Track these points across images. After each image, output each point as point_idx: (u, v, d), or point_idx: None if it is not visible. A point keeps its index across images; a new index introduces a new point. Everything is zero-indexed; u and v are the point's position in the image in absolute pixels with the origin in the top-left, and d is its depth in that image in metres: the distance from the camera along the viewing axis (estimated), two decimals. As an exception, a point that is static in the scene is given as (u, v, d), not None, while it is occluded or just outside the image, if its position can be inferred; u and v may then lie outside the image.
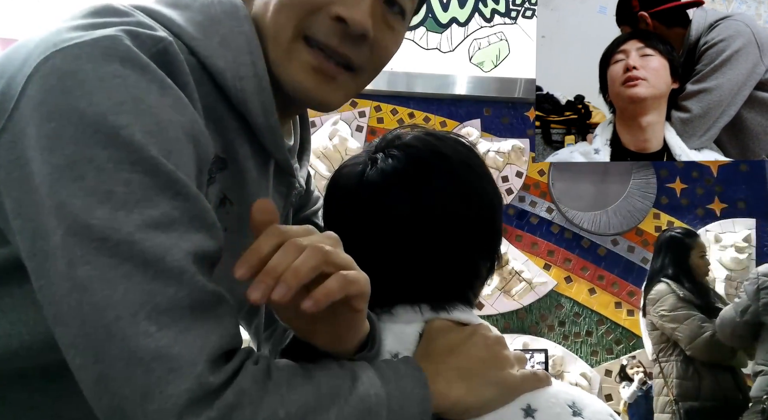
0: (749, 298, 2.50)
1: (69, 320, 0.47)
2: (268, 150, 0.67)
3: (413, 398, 0.56)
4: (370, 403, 0.53)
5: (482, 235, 0.68)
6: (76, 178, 0.48)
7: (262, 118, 0.63)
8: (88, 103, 0.49)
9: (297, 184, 0.75)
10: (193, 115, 0.55)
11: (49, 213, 0.48)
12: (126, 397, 0.46)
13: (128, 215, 0.48)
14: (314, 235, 0.52)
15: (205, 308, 0.50)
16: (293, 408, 0.50)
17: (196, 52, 0.60)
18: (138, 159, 0.50)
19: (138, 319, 0.46)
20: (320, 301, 0.48)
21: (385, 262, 0.65)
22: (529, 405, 0.60)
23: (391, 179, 0.66)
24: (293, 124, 0.79)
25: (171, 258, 0.49)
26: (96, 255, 0.47)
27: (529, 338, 3.53)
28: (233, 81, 0.61)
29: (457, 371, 0.60)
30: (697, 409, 2.68)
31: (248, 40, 0.62)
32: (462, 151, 0.69)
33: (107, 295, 0.47)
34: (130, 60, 0.52)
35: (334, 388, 0.53)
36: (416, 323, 0.65)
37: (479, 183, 0.68)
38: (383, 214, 0.65)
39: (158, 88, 0.53)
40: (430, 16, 3.87)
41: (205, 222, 0.53)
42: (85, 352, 0.47)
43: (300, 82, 0.64)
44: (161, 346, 0.46)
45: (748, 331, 2.51)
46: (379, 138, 0.72)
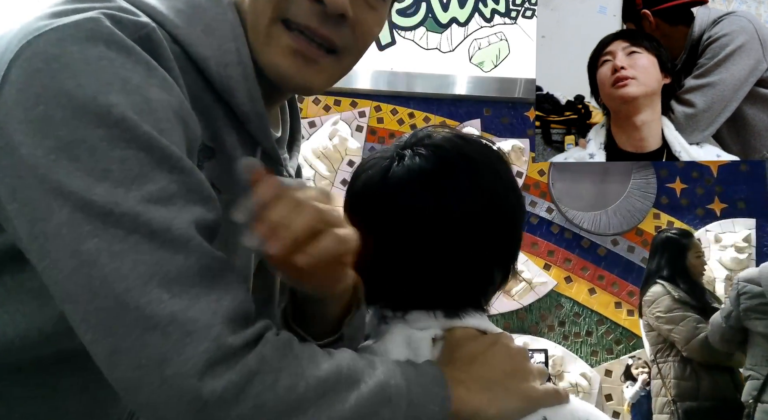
0: (731, 303, 2.50)
1: (78, 296, 0.47)
2: (255, 138, 0.67)
3: (433, 396, 0.55)
4: (390, 393, 0.53)
5: (501, 243, 0.68)
6: (72, 159, 0.48)
7: (248, 105, 0.63)
8: (76, 84, 0.49)
9: (285, 173, 0.75)
10: (180, 97, 0.56)
11: (47, 195, 0.48)
12: (142, 366, 0.46)
13: (128, 191, 0.49)
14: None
15: (214, 274, 0.50)
16: (313, 382, 0.50)
17: (180, 40, 0.60)
18: (132, 136, 0.50)
19: (149, 288, 0.47)
20: (313, 258, 0.51)
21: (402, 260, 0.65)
22: (546, 419, 0.60)
23: (416, 177, 0.65)
24: (282, 114, 0.78)
25: (176, 227, 0.49)
26: (102, 229, 0.47)
27: (529, 338, 3.53)
28: (218, 68, 0.61)
29: (479, 381, 0.59)
30: (695, 409, 2.68)
31: (232, 27, 0.62)
32: (490, 156, 0.69)
33: (116, 267, 0.47)
34: (114, 42, 0.52)
35: (355, 372, 0.53)
36: (431, 329, 0.64)
37: (503, 190, 0.68)
38: (404, 211, 0.65)
39: (144, 69, 0.53)
40: (430, 16, 3.87)
41: (202, 194, 0.54)
42: (97, 327, 0.47)
43: (281, 65, 0.63)
44: (176, 311, 0.47)
45: (734, 336, 2.52)
46: (410, 134, 0.71)
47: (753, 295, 2.43)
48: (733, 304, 2.49)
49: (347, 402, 0.51)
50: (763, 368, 2.38)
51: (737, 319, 2.47)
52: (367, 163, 0.70)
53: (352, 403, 0.51)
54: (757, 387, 2.37)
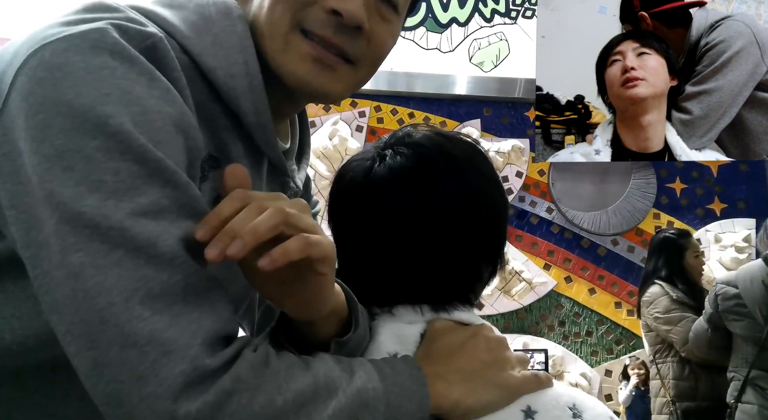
0: (710, 305, 2.51)
1: (63, 308, 0.47)
2: (261, 149, 0.67)
3: (411, 396, 0.56)
4: (367, 397, 0.53)
5: (486, 239, 0.68)
6: (66, 169, 0.48)
7: (253, 116, 0.63)
8: (76, 94, 0.50)
9: (292, 184, 0.75)
10: (183, 108, 0.55)
11: (40, 203, 0.49)
12: (121, 382, 0.46)
13: (118, 203, 0.48)
14: (281, 200, 0.52)
15: (198, 293, 0.50)
16: (290, 396, 0.50)
17: (189, 50, 0.60)
18: (127, 148, 0.50)
19: (131, 305, 0.47)
20: (277, 260, 0.49)
21: (387, 260, 0.65)
22: (530, 407, 0.60)
23: (398, 176, 0.65)
24: (292, 127, 0.78)
25: (163, 243, 0.49)
26: (88, 242, 0.47)
27: (529, 338, 3.53)
28: (225, 79, 0.61)
29: (457, 372, 0.60)
30: (694, 410, 2.69)
31: (241, 39, 0.62)
32: (471, 153, 0.69)
33: (99, 281, 0.47)
34: (118, 52, 0.52)
35: (332, 380, 0.53)
36: (417, 324, 0.65)
37: (486, 186, 0.68)
38: (387, 210, 0.65)
39: (147, 80, 0.53)
40: (430, 16, 3.87)
41: (195, 210, 0.53)
42: (80, 339, 0.47)
43: (299, 72, 0.63)
44: (155, 330, 0.47)
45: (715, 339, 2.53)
46: (389, 134, 0.72)
47: (729, 296, 2.43)
48: (712, 306, 2.50)
49: (326, 411, 0.51)
50: (743, 369, 2.39)
51: (718, 321, 2.48)
52: (350, 165, 0.71)
53: (330, 413, 0.51)
54: (739, 388, 2.38)
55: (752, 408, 2.32)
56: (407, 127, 0.72)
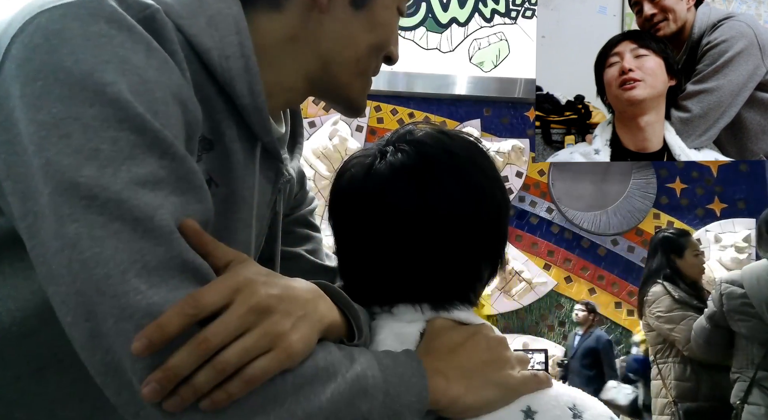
0: (714, 304, 2.51)
1: (59, 278, 0.47)
2: (255, 133, 0.66)
3: (411, 387, 0.55)
4: (366, 384, 0.53)
5: (486, 238, 0.68)
6: (63, 136, 0.48)
7: (248, 98, 0.62)
8: (74, 60, 0.49)
9: (285, 171, 0.74)
10: (181, 80, 0.55)
11: (36, 173, 0.48)
12: (117, 352, 0.46)
13: (116, 173, 0.48)
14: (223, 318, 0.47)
15: (195, 269, 0.50)
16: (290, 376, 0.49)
17: (183, 30, 0.59)
18: (124, 117, 0.49)
19: (128, 277, 0.46)
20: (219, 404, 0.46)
21: (387, 257, 0.65)
22: (529, 407, 0.60)
23: (399, 174, 0.65)
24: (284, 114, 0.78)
25: (160, 217, 0.48)
26: (84, 213, 0.47)
27: (529, 338, 3.54)
28: (219, 60, 0.60)
29: (457, 370, 0.59)
30: (695, 410, 2.68)
31: (236, 21, 0.62)
32: (473, 151, 0.69)
33: (96, 252, 0.46)
34: (116, 20, 0.52)
35: (332, 364, 0.52)
36: (417, 323, 0.65)
37: (487, 185, 0.68)
38: (388, 208, 0.65)
39: (144, 49, 0.52)
40: (430, 16, 3.87)
41: (192, 183, 0.53)
42: (77, 310, 0.47)
43: (361, 102, 0.74)
44: (152, 303, 0.46)
45: (717, 338, 2.52)
46: (391, 132, 0.72)
47: (735, 296, 2.43)
48: (716, 305, 2.49)
49: (324, 394, 0.50)
50: (749, 370, 2.39)
51: (721, 320, 2.48)
52: (350, 162, 0.70)
53: (329, 396, 0.51)
54: (744, 389, 2.38)
55: (759, 409, 2.31)
56: (409, 124, 0.72)
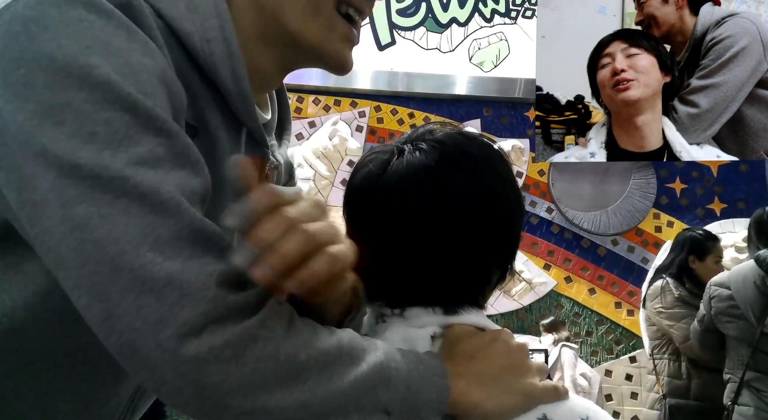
0: (704, 307, 2.52)
1: (70, 262, 0.47)
2: (239, 118, 0.66)
3: (432, 385, 0.55)
4: (389, 374, 0.53)
5: (498, 242, 0.67)
6: (56, 123, 0.47)
7: (232, 83, 0.62)
8: (56, 46, 0.49)
9: (271, 157, 0.74)
10: (163, 62, 0.55)
11: (32, 161, 0.48)
12: (136, 330, 0.45)
13: (115, 154, 0.48)
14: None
15: (207, 238, 0.50)
16: (314, 354, 0.49)
17: (163, 14, 0.59)
18: (116, 97, 0.49)
19: (142, 251, 0.46)
20: (305, 283, 0.48)
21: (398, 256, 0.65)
22: (545, 415, 0.60)
23: (415, 172, 0.65)
24: (271, 101, 0.78)
25: (165, 190, 0.48)
26: (90, 193, 0.47)
27: (529, 338, 3.53)
28: (201, 43, 0.60)
29: (478, 376, 0.59)
30: (682, 407, 2.70)
31: (216, 4, 0.61)
32: (490, 154, 0.69)
33: (108, 230, 0.46)
34: (93, 5, 0.51)
35: (356, 348, 0.52)
36: (429, 327, 0.64)
37: (503, 188, 0.68)
38: (402, 206, 0.64)
39: (125, 32, 0.52)
40: (430, 16, 3.87)
41: (189, 158, 0.53)
42: (91, 291, 0.46)
43: (342, 54, 0.67)
44: (172, 273, 0.46)
45: (709, 340, 2.54)
46: (411, 130, 0.71)
47: (722, 298, 2.44)
48: (706, 308, 2.51)
49: (346, 377, 0.50)
50: (739, 372, 2.40)
51: (710, 323, 2.49)
52: (367, 158, 0.70)
53: (351, 379, 0.50)
54: (735, 390, 2.39)
55: (749, 410, 2.33)
56: (431, 124, 0.71)
